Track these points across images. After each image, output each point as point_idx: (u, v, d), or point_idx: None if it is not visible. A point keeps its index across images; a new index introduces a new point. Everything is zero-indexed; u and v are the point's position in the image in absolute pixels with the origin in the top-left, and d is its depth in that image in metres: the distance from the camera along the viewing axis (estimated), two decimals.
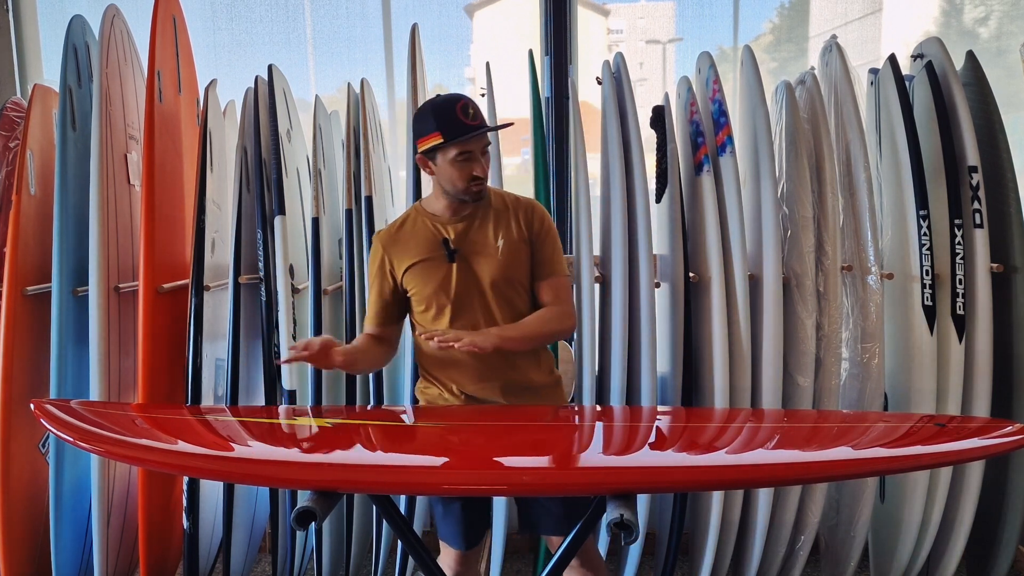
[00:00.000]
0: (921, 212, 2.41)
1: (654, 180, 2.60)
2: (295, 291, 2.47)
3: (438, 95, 1.94)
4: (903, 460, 1.61)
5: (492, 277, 1.94)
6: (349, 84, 2.58)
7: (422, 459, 1.71)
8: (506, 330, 1.92)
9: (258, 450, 1.73)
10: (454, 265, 1.94)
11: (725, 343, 2.41)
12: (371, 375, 2.51)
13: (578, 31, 3.06)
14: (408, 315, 2.06)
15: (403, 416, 2.07)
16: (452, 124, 1.85)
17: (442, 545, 2.04)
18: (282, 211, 2.43)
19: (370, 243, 2.46)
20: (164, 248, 2.50)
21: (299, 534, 2.59)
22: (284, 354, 2.41)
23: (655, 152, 2.60)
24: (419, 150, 1.92)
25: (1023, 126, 2.94)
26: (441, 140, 1.86)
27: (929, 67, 2.49)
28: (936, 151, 2.46)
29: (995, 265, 2.42)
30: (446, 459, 1.68)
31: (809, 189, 2.47)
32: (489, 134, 1.94)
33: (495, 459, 1.68)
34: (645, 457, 1.69)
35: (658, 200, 2.62)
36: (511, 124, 2.04)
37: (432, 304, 1.95)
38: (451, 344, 1.81)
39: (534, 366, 2.01)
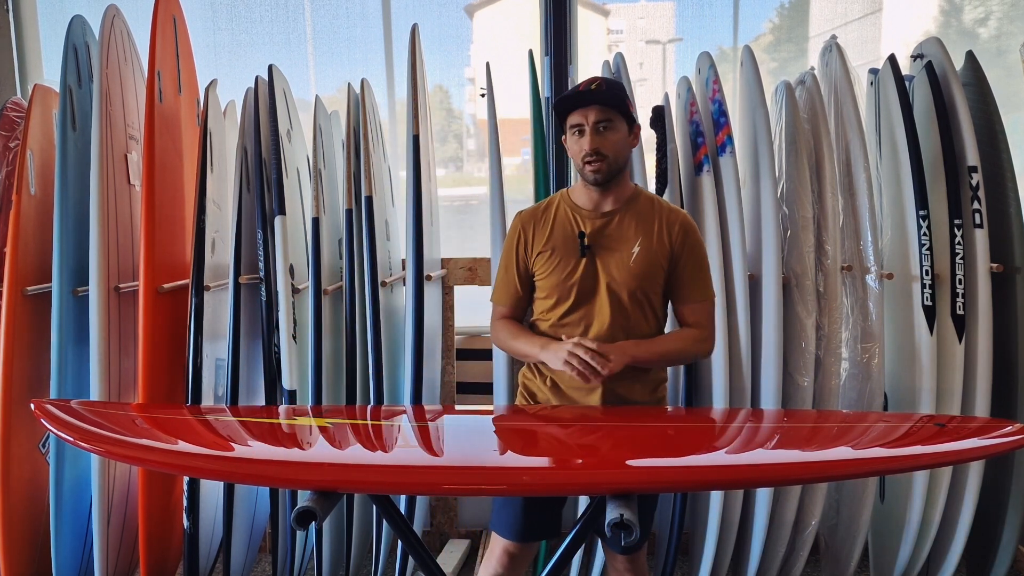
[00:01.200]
0: (921, 212, 2.41)
1: (654, 180, 2.61)
2: (295, 291, 2.47)
3: None
4: (903, 460, 1.61)
5: (618, 281, 1.89)
6: (349, 84, 2.58)
7: (422, 459, 1.71)
8: (640, 346, 1.88)
9: (258, 450, 1.72)
10: (584, 260, 1.91)
11: (725, 343, 2.41)
12: (371, 375, 2.50)
13: (578, 31, 3.06)
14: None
15: (404, 416, 2.07)
16: (562, 100, 1.85)
17: (493, 537, 1.98)
18: (282, 211, 2.43)
19: (370, 243, 2.47)
20: (164, 248, 2.50)
21: (299, 534, 2.59)
22: (285, 353, 2.41)
23: (655, 152, 2.60)
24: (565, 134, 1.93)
25: (1023, 126, 2.94)
26: (559, 118, 1.88)
27: (929, 67, 2.50)
28: (936, 151, 2.46)
29: (995, 265, 2.42)
30: (446, 459, 1.69)
31: (809, 189, 2.47)
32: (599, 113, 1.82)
33: (495, 459, 1.68)
34: (645, 457, 1.69)
35: None
36: (621, 88, 1.88)
37: (554, 294, 1.92)
38: (588, 375, 1.78)
39: (639, 383, 1.95)
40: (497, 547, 1.96)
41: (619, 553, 1.98)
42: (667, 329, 2.01)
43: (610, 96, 1.84)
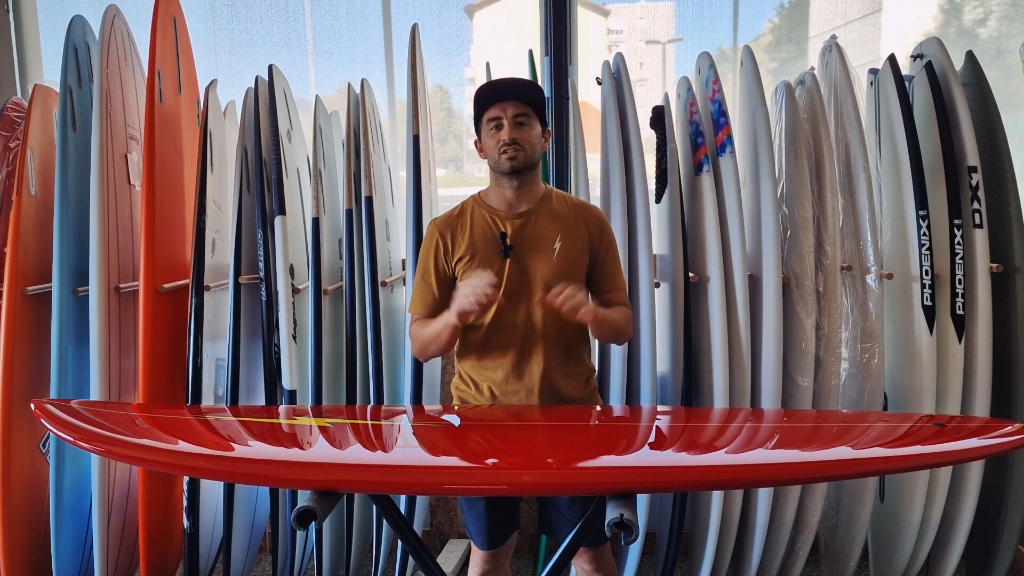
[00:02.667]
0: (921, 212, 2.41)
1: (654, 180, 2.61)
2: (295, 291, 2.47)
3: None
4: (903, 460, 1.61)
5: (545, 277, 1.92)
6: (349, 84, 2.58)
7: (422, 459, 1.71)
8: (601, 310, 1.91)
9: (258, 450, 1.73)
10: (508, 261, 1.92)
11: (725, 343, 2.41)
12: (371, 374, 2.51)
13: (578, 31, 3.06)
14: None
15: (404, 416, 2.07)
16: (478, 95, 1.89)
17: (472, 545, 2.05)
18: (282, 211, 2.43)
19: (370, 243, 2.47)
20: (164, 248, 2.50)
21: (299, 534, 2.59)
22: (285, 353, 2.42)
23: (655, 152, 2.60)
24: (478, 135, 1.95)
25: (1023, 126, 2.94)
26: (475, 113, 1.89)
27: (929, 67, 2.50)
28: (936, 151, 2.46)
29: (995, 265, 2.42)
30: (446, 459, 1.69)
31: (809, 189, 2.47)
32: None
33: (495, 459, 1.68)
34: (645, 457, 1.69)
35: (658, 200, 2.63)
36: (535, 85, 1.98)
37: None
38: (570, 307, 1.78)
39: (572, 377, 1.99)
40: (477, 556, 2.03)
41: (588, 547, 1.98)
42: None
43: (530, 94, 1.92)
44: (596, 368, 2.10)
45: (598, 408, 2.04)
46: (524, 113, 1.89)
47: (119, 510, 2.57)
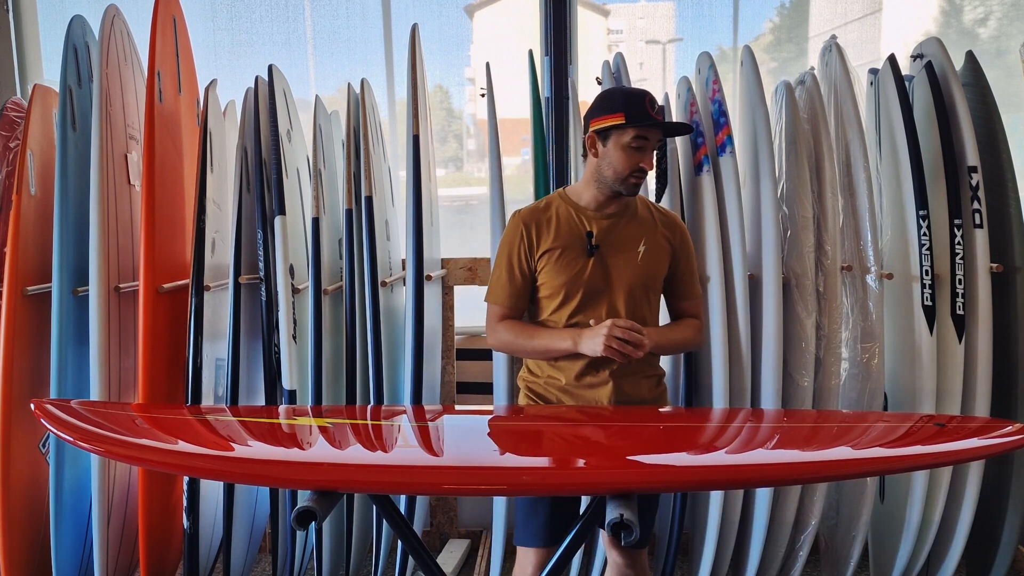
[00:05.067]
0: (921, 212, 2.41)
1: (654, 180, 2.61)
2: (295, 291, 2.47)
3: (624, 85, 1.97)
4: (903, 460, 1.61)
5: (627, 280, 1.93)
6: (349, 84, 2.58)
7: (422, 459, 1.71)
8: (660, 332, 1.96)
9: (258, 450, 1.72)
10: (592, 260, 1.92)
11: (725, 343, 2.41)
12: (371, 375, 2.51)
13: (578, 31, 3.06)
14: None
15: (404, 416, 2.07)
16: (638, 109, 1.86)
17: (520, 552, 1.99)
18: (282, 211, 2.43)
19: (370, 243, 2.47)
20: (164, 248, 2.50)
21: (299, 534, 2.59)
22: (285, 353, 2.42)
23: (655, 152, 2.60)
24: (592, 128, 1.91)
25: (1023, 126, 2.94)
26: (623, 121, 1.85)
27: (929, 67, 2.49)
28: (936, 151, 2.46)
29: (995, 265, 2.42)
30: (446, 459, 1.69)
31: (809, 189, 2.47)
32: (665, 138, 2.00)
33: (495, 459, 1.68)
34: (645, 457, 1.69)
35: (658, 200, 2.62)
36: (691, 129, 2.06)
37: (559, 293, 1.93)
38: (631, 352, 1.82)
39: (646, 377, 2.00)
40: (529, 562, 1.96)
41: (624, 549, 1.98)
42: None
43: (674, 135, 2.09)
44: (666, 372, 2.14)
45: (598, 408, 2.04)
46: (660, 143, 1.96)
47: (119, 510, 2.57)
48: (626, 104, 1.86)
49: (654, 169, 1.95)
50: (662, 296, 2.06)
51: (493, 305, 2.01)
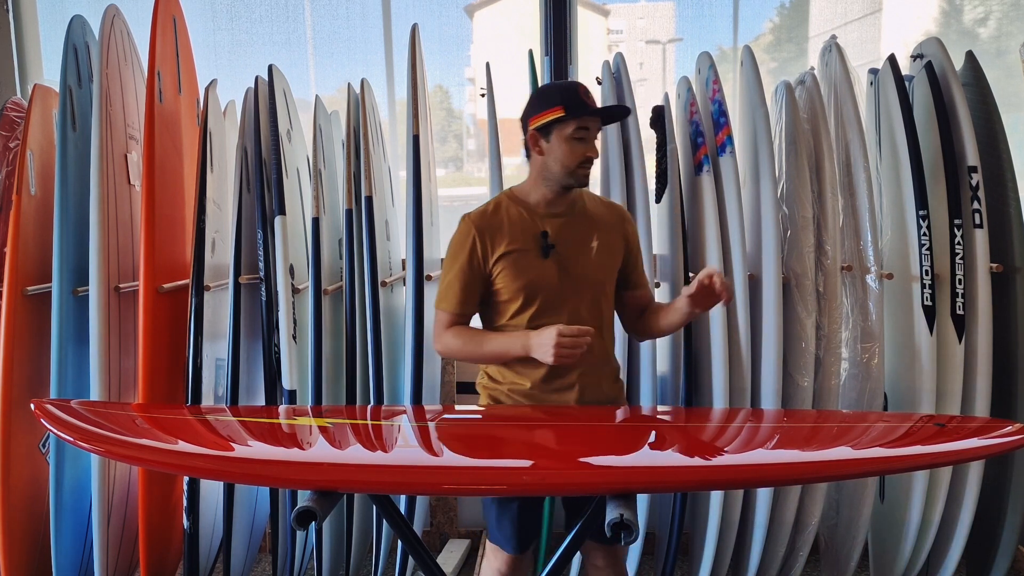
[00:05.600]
0: (921, 212, 2.41)
1: (654, 180, 2.61)
2: (295, 291, 2.47)
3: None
4: (903, 460, 1.61)
5: (585, 276, 1.92)
6: (349, 84, 2.58)
7: (422, 459, 1.71)
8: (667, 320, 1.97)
9: (258, 450, 1.73)
10: (548, 260, 1.91)
11: (725, 343, 2.41)
12: (371, 375, 2.51)
13: (578, 31, 3.06)
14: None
15: (404, 416, 2.07)
16: (575, 101, 1.86)
17: (491, 549, 1.99)
18: (282, 211, 2.43)
19: (370, 243, 2.47)
20: (164, 248, 2.50)
21: (299, 534, 2.59)
22: (285, 353, 2.42)
23: (655, 152, 2.60)
24: (532, 127, 1.90)
25: (1023, 126, 2.94)
26: (563, 114, 1.84)
27: (929, 67, 2.50)
28: (936, 151, 2.46)
29: (995, 265, 2.42)
30: (446, 459, 1.69)
31: (809, 189, 2.47)
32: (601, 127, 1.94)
33: (495, 459, 1.68)
34: (645, 457, 1.69)
35: (658, 200, 2.63)
36: (628, 112, 2.01)
37: (519, 296, 1.90)
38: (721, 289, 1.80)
39: (607, 375, 1.99)
40: (499, 560, 1.97)
41: (603, 544, 1.97)
42: None
43: (618, 115, 2.00)
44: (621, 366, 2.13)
45: (598, 408, 2.04)
46: (599, 131, 1.93)
47: (119, 510, 2.57)
48: (563, 97, 1.86)
49: (598, 156, 1.90)
50: (618, 290, 2.04)
51: (442, 312, 1.96)
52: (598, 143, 1.93)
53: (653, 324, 2.02)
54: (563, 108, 1.85)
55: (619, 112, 1.98)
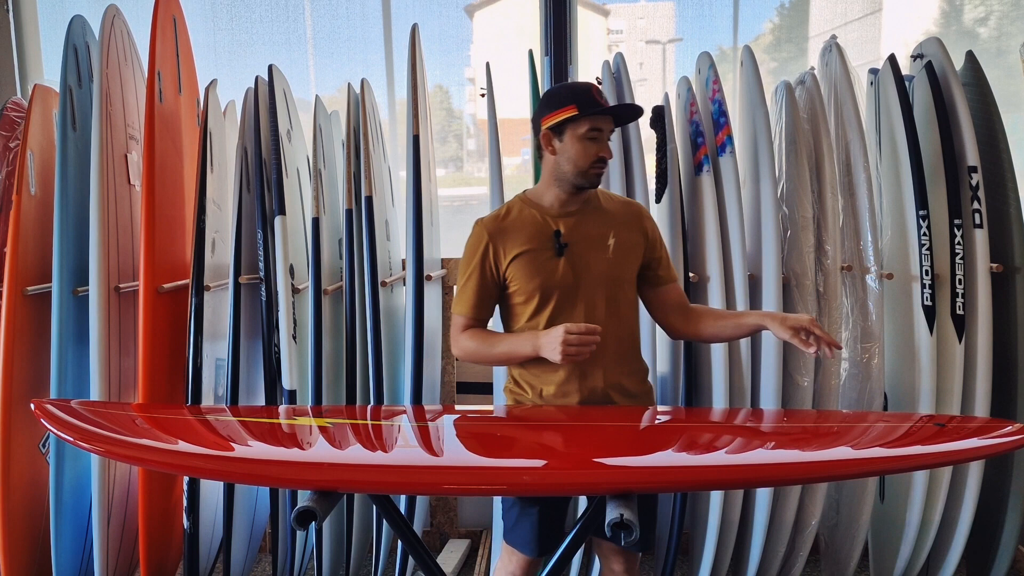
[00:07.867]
0: (921, 212, 2.41)
1: (654, 180, 2.60)
2: (295, 291, 2.47)
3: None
4: (903, 460, 1.61)
5: (602, 274, 1.91)
6: (349, 84, 2.58)
7: (422, 459, 1.71)
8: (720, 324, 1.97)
9: (258, 450, 1.73)
10: (562, 259, 1.90)
11: (725, 343, 2.41)
12: (371, 375, 2.51)
13: (578, 31, 3.06)
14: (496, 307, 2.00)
15: (404, 416, 2.07)
16: (588, 100, 1.85)
17: (507, 551, 1.97)
18: (282, 211, 2.43)
19: (370, 243, 2.47)
20: (164, 248, 2.50)
21: (299, 534, 2.59)
22: (285, 353, 2.42)
23: (655, 152, 2.60)
24: (545, 127, 1.89)
25: (1023, 126, 2.94)
26: (575, 113, 1.84)
27: (929, 67, 2.49)
28: (936, 151, 2.46)
29: (995, 265, 2.42)
30: (446, 459, 1.69)
31: (809, 189, 2.47)
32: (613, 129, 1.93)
33: (495, 459, 1.68)
34: (645, 457, 1.69)
35: (658, 200, 2.63)
36: (641, 112, 1.99)
37: (535, 297, 1.90)
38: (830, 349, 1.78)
39: (632, 374, 1.98)
40: (513, 563, 1.96)
41: (622, 549, 1.97)
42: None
43: (631, 116, 2.00)
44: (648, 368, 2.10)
45: (598, 408, 2.04)
46: (612, 131, 1.93)
47: (119, 510, 2.57)
48: (575, 97, 1.86)
49: (612, 157, 1.90)
50: (638, 289, 2.02)
51: (458, 316, 1.97)
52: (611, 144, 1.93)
53: (704, 328, 1.99)
54: (576, 107, 1.85)
55: (632, 112, 1.96)
